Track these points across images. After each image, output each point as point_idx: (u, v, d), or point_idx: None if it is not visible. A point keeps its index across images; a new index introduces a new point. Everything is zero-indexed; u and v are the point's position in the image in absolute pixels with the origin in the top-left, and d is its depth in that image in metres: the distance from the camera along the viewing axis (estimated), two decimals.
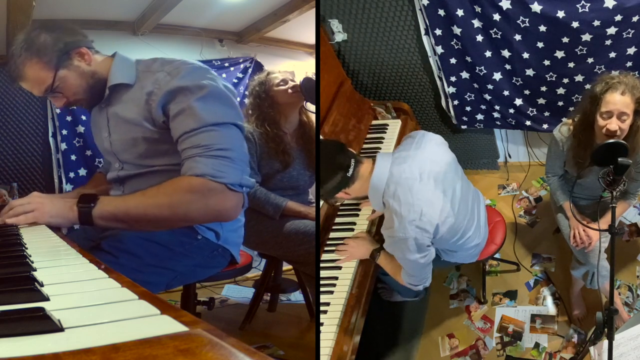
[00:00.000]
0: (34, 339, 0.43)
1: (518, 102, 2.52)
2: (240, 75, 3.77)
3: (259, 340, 2.56)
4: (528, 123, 2.60)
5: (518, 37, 2.23)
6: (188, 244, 1.53)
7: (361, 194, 1.66)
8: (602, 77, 1.80)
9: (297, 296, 3.21)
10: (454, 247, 1.84)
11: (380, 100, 2.74)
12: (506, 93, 2.50)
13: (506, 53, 2.33)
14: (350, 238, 1.88)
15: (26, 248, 0.92)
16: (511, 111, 2.58)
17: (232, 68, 3.75)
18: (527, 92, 2.47)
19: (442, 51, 2.42)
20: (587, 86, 2.23)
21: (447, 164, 1.71)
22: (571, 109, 2.31)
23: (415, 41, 2.48)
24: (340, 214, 2.01)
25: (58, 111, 3.16)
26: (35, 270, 0.73)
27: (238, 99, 1.54)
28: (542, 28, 2.14)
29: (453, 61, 2.46)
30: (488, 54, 2.36)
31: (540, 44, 2.22)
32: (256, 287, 2.98)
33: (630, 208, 2.22)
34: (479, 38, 2.31)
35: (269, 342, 2.53)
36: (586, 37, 2.10)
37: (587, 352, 1.80)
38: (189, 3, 3.03)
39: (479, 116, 2.68)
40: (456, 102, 2.64)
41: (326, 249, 1.88)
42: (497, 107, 2.58)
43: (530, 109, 2.54)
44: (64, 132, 3.17)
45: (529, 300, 2.44)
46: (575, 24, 2.06)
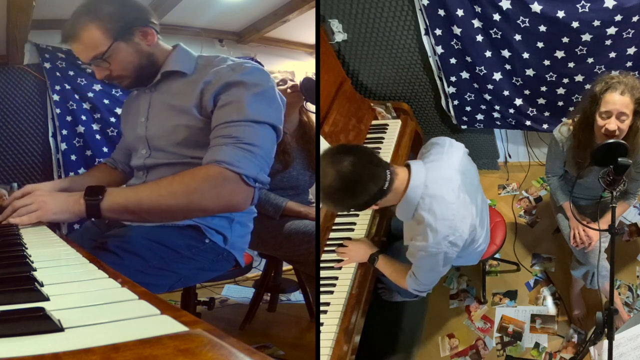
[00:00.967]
0: (34, 339, 0.43)
1: (518, 102, 2.52)
2: None
3: (259, 340, 2.56)
4: (528, 123, 2.60)
5: (518, 37, 2.23)
6: (195, 248, 1.52)
7: (390, 204, 1.61)
8: (602, 77, 1.80)
9: (297, 296, 3.21)
10: (462, 253, 1.84)
11: (380, 100, 2.73)
12: (506, 93, 2.50)
13: (506, 53, 2.33)
14: (349, 241, 1.87)
15: (26, 248, 0.92)
16: (511, 111, 2.58)
17: None
18: (527, 92, 2.47)
19: (442, 51, 2.42)
20: (587, 86, 2.23)
21: (475, 176, 1.69)
22: (571, 109, 2.32)
23: (415, 41, 2.47)
24: (340, 214, 2.01)
25: (58, 111, 3.16)
26: (35, 270, 0.73)
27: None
28: (542, 28, 2.14)
29: (453, 61, 2.46)
30: (488, 54, 2.36)
31: (540, 44, 2.22)
32: (256, 287, 2.98)
33: (630, 208, 2.21)
34: (479, 38, 2.31)
35: (269, 342, 2.53)
36: (586, 37, 2.10)
37: (587, 352, 1.80)
38: (189, 3, 3.03)
39: (479, 116, 2.68)
40: (456, 102, 2.64)
41: (326, 249, 1.88)
42: (497, 107, 2.58)
43: (530, 109, 2.54)
44: (64, 132, 3.17)
45: (529, 300, 2.44)
46: (575, 24, 2.06)
